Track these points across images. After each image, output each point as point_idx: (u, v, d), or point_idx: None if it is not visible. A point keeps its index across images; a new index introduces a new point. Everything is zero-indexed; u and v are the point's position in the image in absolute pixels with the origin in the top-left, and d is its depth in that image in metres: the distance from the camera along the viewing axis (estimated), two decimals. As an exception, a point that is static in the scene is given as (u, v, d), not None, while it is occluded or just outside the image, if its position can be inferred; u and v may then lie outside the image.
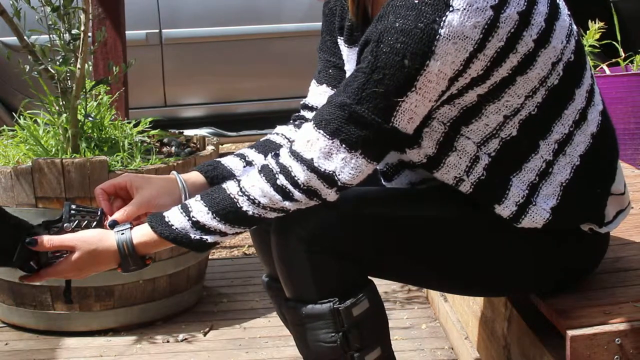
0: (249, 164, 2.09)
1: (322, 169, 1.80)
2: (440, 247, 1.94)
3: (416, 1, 1.74)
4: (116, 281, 3.18)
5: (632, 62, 3.99)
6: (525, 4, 1.77)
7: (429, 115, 1.84)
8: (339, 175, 1.81)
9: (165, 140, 3.54)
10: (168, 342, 3.17)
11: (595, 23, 3.97)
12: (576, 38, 1.90)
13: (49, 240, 1.88)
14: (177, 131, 3.81)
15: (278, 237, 1.89)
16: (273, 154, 1.87)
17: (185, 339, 3.19)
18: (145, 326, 3.28)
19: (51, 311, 3.20)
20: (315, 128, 1.82)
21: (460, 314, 2.95)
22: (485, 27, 1.74)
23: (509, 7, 1.75)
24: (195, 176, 2.06)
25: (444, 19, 1.72)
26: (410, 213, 1.92)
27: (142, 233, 1.88)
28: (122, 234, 1.88)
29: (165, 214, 1.88)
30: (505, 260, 1.96)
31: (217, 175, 2.06)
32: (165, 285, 3.29)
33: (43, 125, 3.34)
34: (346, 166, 1.80)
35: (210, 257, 3.68)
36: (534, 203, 1.89)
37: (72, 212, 1.93)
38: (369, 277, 1.94)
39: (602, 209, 1.97)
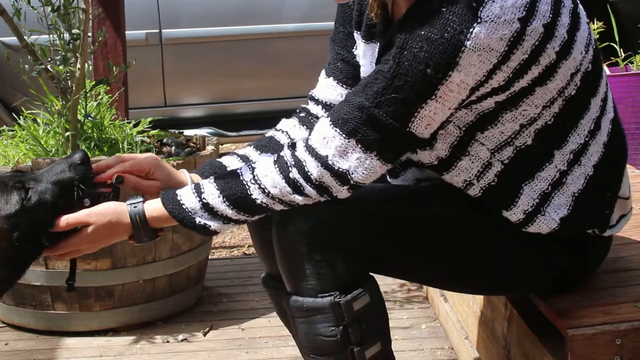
0: None
1: (336, 167, 1.81)
2: (443, 245, 1.94)
3: (444, 9, 1.71)
4: (116, 281, 3.18)
5: (631, 62, 3.99)
6: (551, 16, 1.75)
7: (446, 119, 1.84)
8: (352, 174, 1.81)
9: (165, 140, 3.54)
10: (168, 342, 3.17)
11: (594, 23, 3.97)
12: (594, 46, 1.89)
13: (65, 219, 1.90)
14: (177, 131, 3.81)
15: (280, 231, 1.89)
16: (290, 144, 1.88)
17: (185, 339, 3.19)
18: (145, 326, 3.28)
19: (51, 311, 3.20)
20: (332, 126, 1.82)
21: (460, 314, 2.95)
22: (512, 39, 1.72)
23: (535, 19, 1.73)
24: (196, 178, 2.08)
25: (471, 30, 1.70)
26: (413, 210, 1.93)
27: (154, 207, 1.91)
28: (135, 206, 1.91)
29: (178, 192, 1.91)
30: (508, 259, 1.96)
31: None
32: (165, 285, 3.29)
33: (43, 125, 3.34)
34: (360, 166, 1.81)
35: (210, 257, 3.68)
36: (542, 213, 1.89)
37: (92, 190, 1.96)
38: (370, 273, 1.95)
39: (609, 215, 1.97)
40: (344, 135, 1.80)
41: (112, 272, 3.16)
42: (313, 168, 1.82)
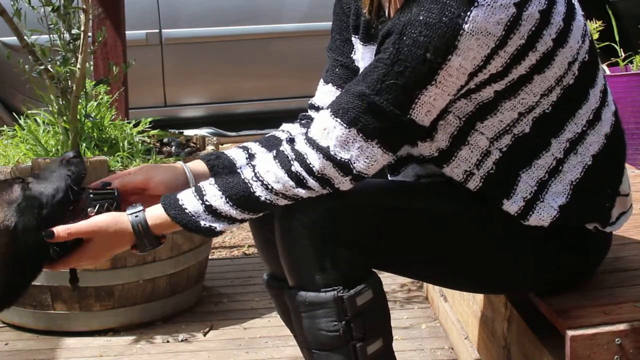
0: (251, 156, 2.09)
1: (338, 157, 1.82)
2: (445, 241, 1.94)
3: None
4: (116, 281, 3.18)
5: (631, 62, 3.99)
6: (546, 2, 1.79)
7: (445, 109, 1.86)
8: (354, 163, 1.82)
9: (165, 140, 3.54)
10: (168, 342, 3.17)
11: (593, 23, 3.96)
12: (590, 38, 1.92)
13: (65, 230, 1.88)
14: (177, 131, 3.81)
15: (283, 224, 1.89)
16: (288, 139, 1.88)
17: (185, 339, 3.19)
18: (145, 326, 3.28)
19: (51, 311, 3.20)
20: (333, 116, 1.83)
21: (460, 314, 2.95)
22: (508, 24, 1.75)
23: (531, 5, 1.77)
24: (198, 164, 2.08)
25: (468, 14, 1.73)
26: (415, 206, 1.93)
27: (156, 215, 1.89)
28: (136, 216, 1.89)
29: (178, 196, 1.89)
30: (509, 256, 1.97)
31: (218, 165, 2.07)
32: (165, 285, 3.29)
33: (43, 125, 3.34)
34: (361, 155, 1.82)
35: (210, 257, 3.68)
36: (541, 200, 1.90)
37: (92, 196, 1.94)
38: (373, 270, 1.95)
39: (610, 209, 1.98)
40: (344, 125, 1.81)
41: (112, 272, 3.16)
42: (315, 160, 1.82)
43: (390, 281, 3.52)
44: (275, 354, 3.05)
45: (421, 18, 1.75)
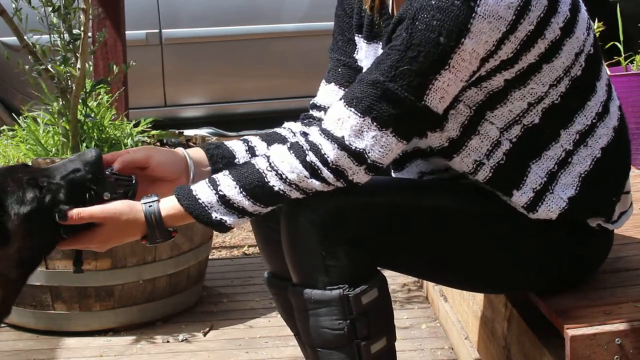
0: (251, 149, 2.09)
1: (353, 147, 1.82)
2: (448, 239, 1.94)
3: None
4: (116, 281, 3.18)
5: (632, 62, 3.99)
6: None
7: (457, 97, 1.86)
8: (369, 153, 1.82)
9: (165, 140, 3.54)
10: (168, 342, 3.17)
11: (594, 23, 3.96)
12: (593, 33, 1.95)
13: (78, 213, 1.86)
14: (177, 131, 3.81)
15: (289, 221, 1.89)
16: (302, 132, 1.88)
17: (185, 339, 3.19)
18: (145, 326, 3.28)
19: (51, 311, 3.20)
20: (347, 106, 1.83)
21: (460, 314, 2.95)
22: (518, 8, 1.78)
23: None
24: (198, 152, 2.07)
25: None
26: (421, 204, 1.93)
27: (170, 205, 1.88)
28: (150, 206, 1.88)
29: (192, 187, 1.88)
30: (512, 255, 1.97)
31: (217, 154, 2.06)
32: (165, 285, 3.29)
33: (43, 125, 3.34)
34: (376, 144, 1.82)
35: (210, 257, 3.68)
36: (551, 191, 1.91)
37: (110, 181, 1.91)
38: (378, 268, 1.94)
39: (616, 203, 1.99)
40: (359, 114, 1.81)
41: (112, 272, 3.16)
42: (329, 150, 1.82)
43: (390, 281, 3.48)
44: (275, 354, 3.05)
45: (433, 2, 1.77)
